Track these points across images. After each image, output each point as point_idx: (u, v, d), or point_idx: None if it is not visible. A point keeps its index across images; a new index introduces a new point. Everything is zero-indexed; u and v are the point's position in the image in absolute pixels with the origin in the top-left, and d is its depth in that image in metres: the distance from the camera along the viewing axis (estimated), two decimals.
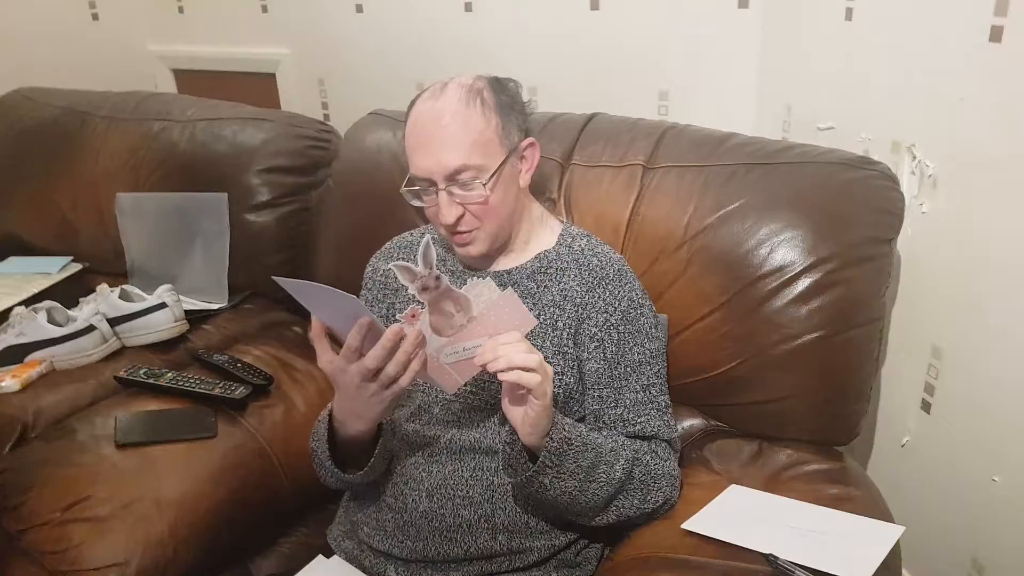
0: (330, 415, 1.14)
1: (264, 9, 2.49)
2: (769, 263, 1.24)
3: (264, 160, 1.76)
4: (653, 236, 1.33)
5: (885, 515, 1.11)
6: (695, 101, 1.97)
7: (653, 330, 1.22)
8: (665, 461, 1.16)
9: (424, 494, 1.15)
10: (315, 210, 1.74)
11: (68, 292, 1.82)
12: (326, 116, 2.50)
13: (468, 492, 1.14)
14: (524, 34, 2.09)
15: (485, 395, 1.17)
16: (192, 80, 2.71)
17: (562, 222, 1.29)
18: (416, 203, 1.16)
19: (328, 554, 1.23)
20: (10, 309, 1.64)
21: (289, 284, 0.97)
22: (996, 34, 1.15)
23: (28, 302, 1.72)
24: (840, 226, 1.23)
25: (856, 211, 1.24)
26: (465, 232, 1.15)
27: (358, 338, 0.98)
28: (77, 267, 1.98)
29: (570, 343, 1.17)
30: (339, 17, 2.36)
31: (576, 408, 1.19)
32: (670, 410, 1.22)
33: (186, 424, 1.34)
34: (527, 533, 1.15)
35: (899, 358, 1.49)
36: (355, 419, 1.09)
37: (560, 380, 1.15)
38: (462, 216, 1.13)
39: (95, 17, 2.59)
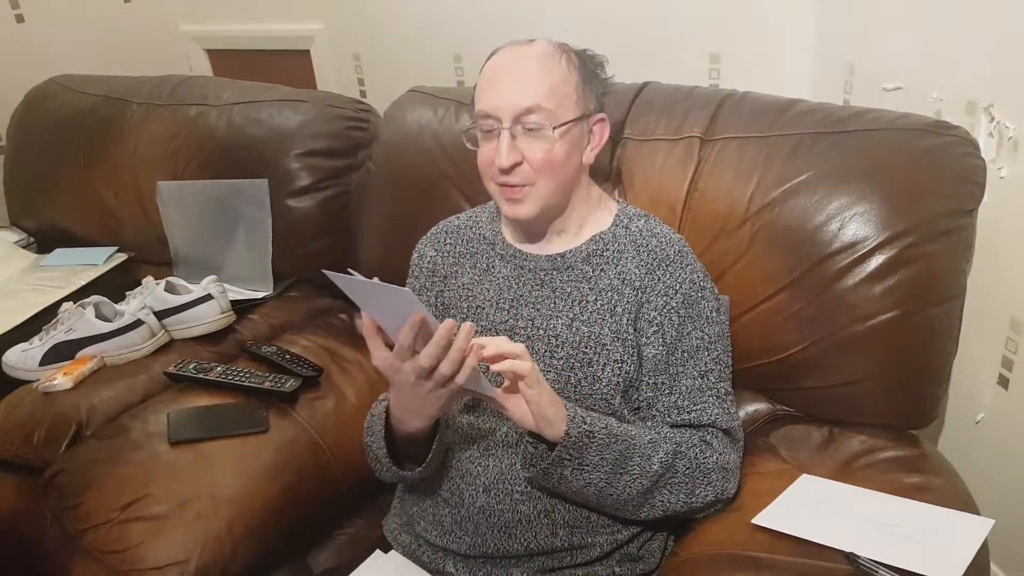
0: (387, 411, 1.11)
1: None
2: (840, 239, 1.16)
3: (303, 143, 1.72)
4: (713, 213, 1.26)
5: (970, 506, 1.05)
6: (748, 64, 1.87)
7: (715, 313, 1.16)
8: (720, 453, 1.11)
9: (481, 489, 1.12)
10: (356, 193, 1.70)
11: (115, 282, 1.81)
12: (362, 93, 2.44)
13: (526, 486, 1.11)
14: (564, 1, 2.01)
15: None
16: (226, 59, 2.68)
17: (618, 202, 1.24)
18: (471, 146, 1.12)
19: (385, 548, 1.21)
20: (59, 303, 1.64)
21: (338, 279, 0.93)
22: None
23: (76, 295, 1.72)
24: (916, 197, 1.15)
25: (934, 181, 1.16)
26: (517, 186, 1.10)
27: (410, 336, 0.94)
28: (122, 257, 1.96)
29: (630, 329, 1.12)
30: None
31: (636, 396, 1.14)
32: (731, 397, 1.17)
33: (238, 419, 1.33)
34: (588, 528, 1.11)
35: (975, 332, 1.40)
36: (413, 416, 1.05)
37: (619, 368, 1.11)
38: (519, 164, 1.08)
39: (126, 0, 2.56)
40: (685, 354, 1.13)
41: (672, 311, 1.12)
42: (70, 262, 1.96)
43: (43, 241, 2.09)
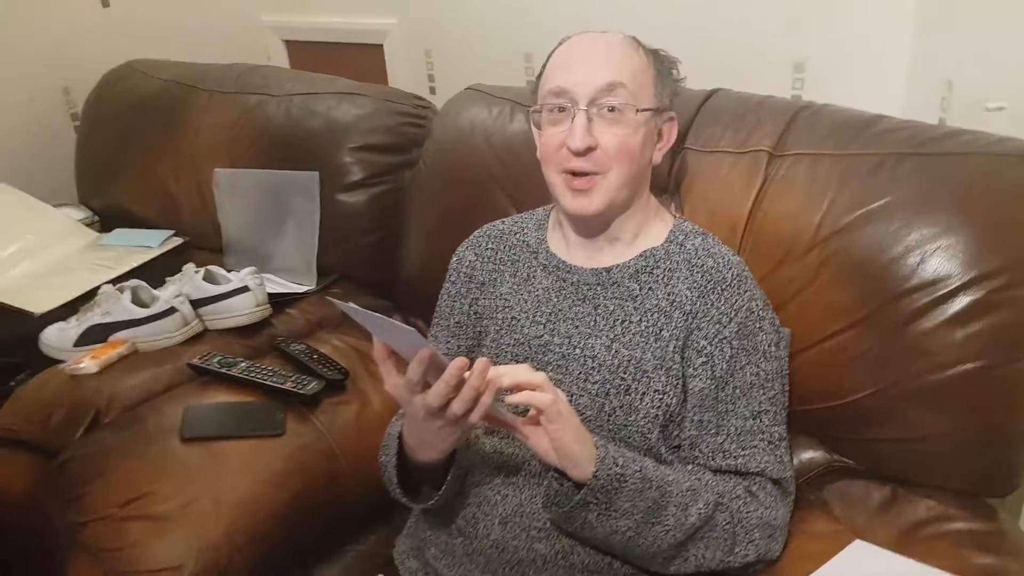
0: (400, 435, 1.03)
1: None
2: (919, 275, 1.02)
3: (358, 138, 1.67)
4: (777, 236, 1.13)
5: None
6: (835, 75, 1.72)
7: (773, 348, 1.04)
8: (766, 507, 0.99)
9: (497, 520, 1.02)
10: (407, 191, 1.63)
11: (170, 266, 1.79)
12: (432, 89, 2.39)
13: (545, 523, 1.00)
14: (637, 1, 1.90)
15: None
16: (303, 51, 2.68)
17: (675, 216, 1.13)
18: (545, 130, 1.04)
19: (391, 573, 1.13)
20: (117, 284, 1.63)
21: (348, 309, 0.88)
22: None
23: (126, 277, 1.71)
24: (1011, 233, 1.01)
25: None
26: (588, 175, 1.01)
27: (419, 371, 0.87)
28: (178, 241, 1.96)
29: (676, 357, 1.01)
30: None
31: (677, 433, 1.03)
32: (785, 444, 1.04)
33: (254, 420, 1.28)
34: (609, 573, 1.00)
35: None
36: (425, 448, 0.98)
37: (660, 399, 1.00)
38: (593, 149, 0.99)
39: None
40: (737, 391, 1.01)
41: (725, 341, 1.01)
42: (127, 243, 1.97)
43: (106, 220, 2.11)
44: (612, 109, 0.99)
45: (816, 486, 1.11)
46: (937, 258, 1.02)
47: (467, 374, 0.86)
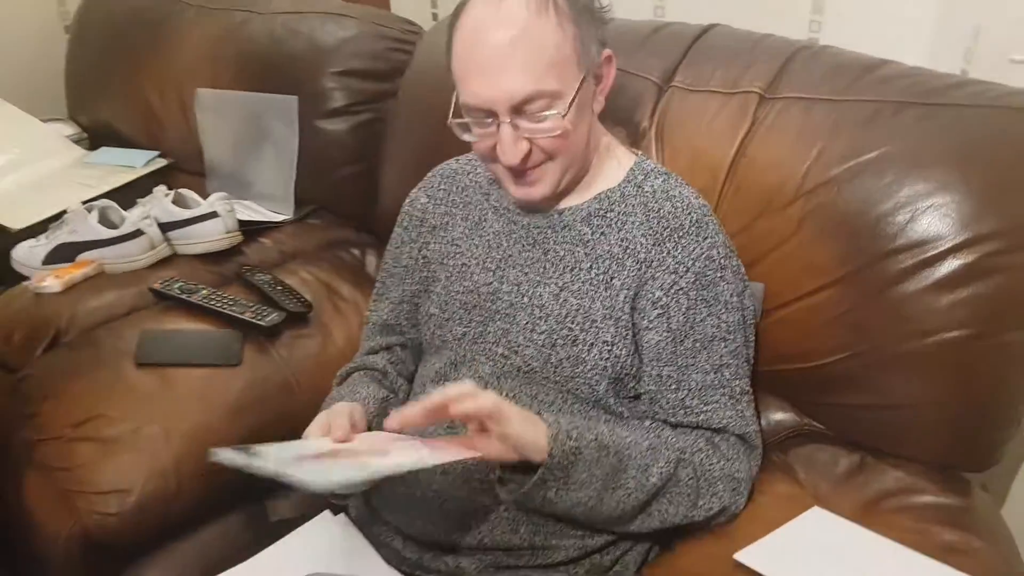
0: None
1: None
2: (907, 234, 0.96)
3: (341, 62, 1.60)
4: (760, 185, 1.07)
5: None
6: (856, 19, 1.61)
7: (735, 298, 0.98)
8: (728, 460, 0.95)
9: (438, 471, 0.98)
10: (387, 121, 1.57)
11: (152, 187, 1.76)
12: (435, 15, 2.29)
13: (486, 476, 0.96)
14: None
15: (517, 360, 0.99)
16: None
17: (636, 155, 1.06)
18: (467, 137, 0.97)
19: (336, 510, 1.11)
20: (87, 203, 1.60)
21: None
22: None
23: (107, 196, 1.67)
24: (1012, 194, 0.94)
25: None
26: (531, 169, 0.96)
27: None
28: (162, 163, 1.91)
29: (627, 307, 0.96)
30: None
31: (633, 386, 0.99)
32: (747, 397, 1.00)
33: (210, 349, 1.25)
34: (554, 530, 0.97)
35: None
36: None
37: (608, 351, 0.96)
38: (528, 153, 0.93)
39: None
40: (697, 344, 0.96)
41: (681, 292, 0.95)
42: (111, 162, 1.93)
43: (95, 138, 2.06)
44: (539, 116, 0.91)
45: (782, 449, 1.07)
46: (929, 217, 0.95)
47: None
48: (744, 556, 0.86)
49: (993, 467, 1.02)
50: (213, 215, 1.47)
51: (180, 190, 1.53)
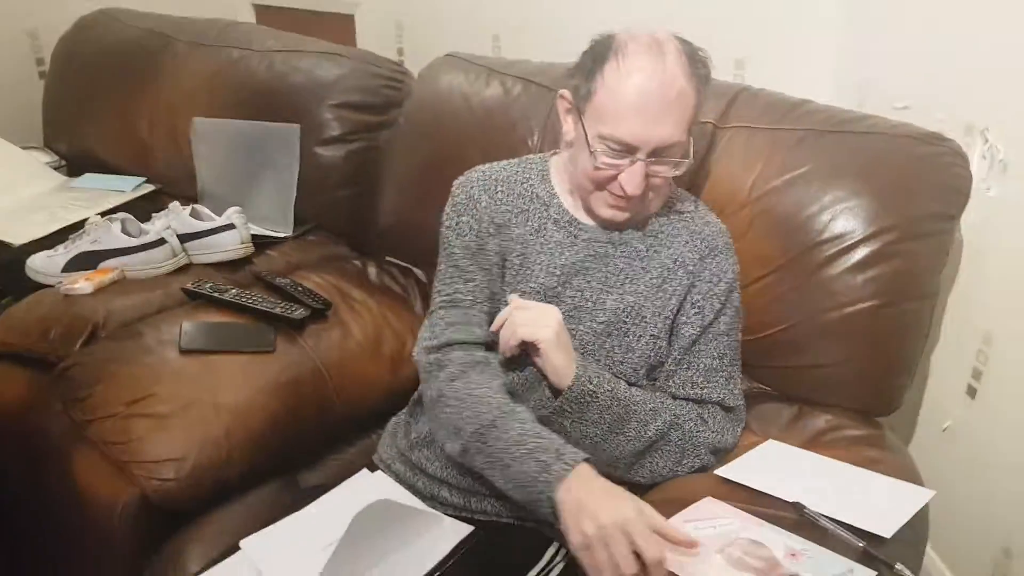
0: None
1: None
2: (830, 230, 1.24)
3: (338, 95, 1.79)
4: (717, 194, 1.34)
5: (916, 480, 1.12)
6: (772, 71, 1.94)
7: (740, 304, 1.23)
8: (713, 432, 1.17)
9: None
10: (383, 149, 1.77)
11: (139, 211, 1.86)
12: (401, 62, 2.51)
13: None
14: None
15: (575, 342, 1.15)
16: (271, 17, 2.75)
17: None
18: (593, 162, 1.09)
19: (372, 470, 1.28)
20: (84, 220, 1.71)
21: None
22: None
23: (103, 215, 1.79)
24: (904, 198, 1.23)
25: (922, 185, 1.24)
26: (634, 199, 1.11)
27: None
28: (150, 188, 2.03)
29: (674, 308, 1.18)
30: None
31: (660, 370, 1.21)
32: (737, 380, 1.23)
33: (247, 337, 1.39)
34: None
35: (948, 341, 1.49)
36: None
37: (655, 343, 1.18)
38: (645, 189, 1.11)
39: None
40: (711, 336, 1.19)
41: (715, 297, 1.18)
42: (98, 186, 2.03)
43: (73, 165, 2.15)
44: (667, 161, 1.09)
45: None
46: (844, 216, 1.24)
47: None
48: (724, 471, 1.10)
49: (894, 412, 1.30)
50: (230, 227, 1.62)
51: (195, 205, 1.67)
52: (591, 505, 0.93)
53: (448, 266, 1.20)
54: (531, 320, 1.10)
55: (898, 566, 0.92)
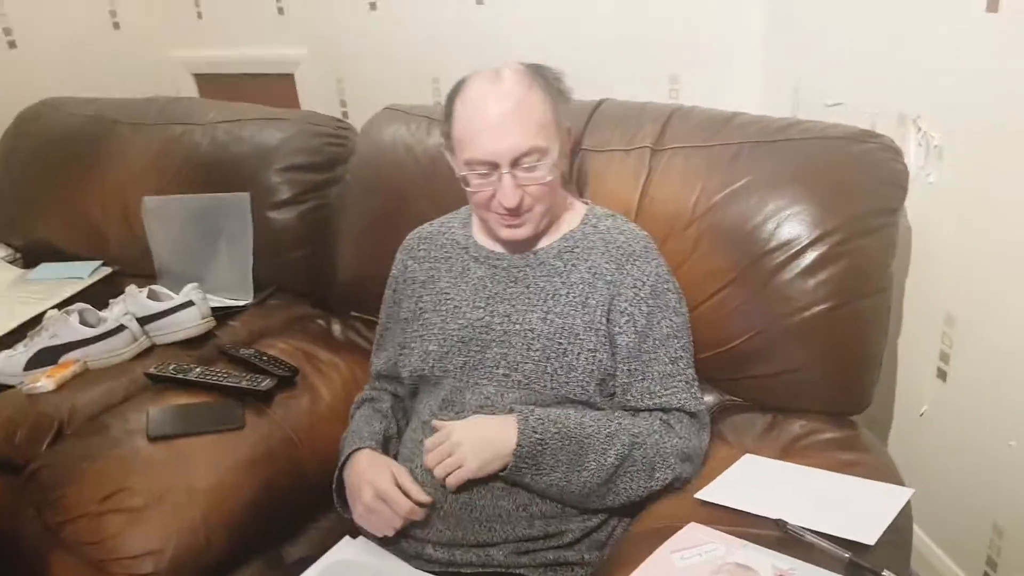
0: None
1: (280, 11, 2.54)
2: (776, 238, 1.25)
3: (283, 159, 1.80)
4: (662, 216, 1.35)
5: (895, 478, 1.13)
6: (705, 84, 1.98)
7: (679, 305, 1.25)
8: (680, 437, 1.18)
9: (463, 485, 1.15)
10: (335, 206, 1.77)
11: (99, 295, 1.85)
12: (344, 114, 2.54)
13: (504, 483, 1.15)
14: (535, 25, 2.12)
15: (517, 375, 1.19)
16: (213, 83, 2.77)
17: (586, 203, 1.32)
18: (469, 189, 1.19)
19: (354, 535, 1.26)
20: (43, 313, 1.70)
21: None
22: (993, 4, 1.16)
23: (60, 306, 1.77)
24: (844, 199, 1.25)
25: (860, 183, 1.26)
26: (522, 213, 1.19)
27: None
28: (107, 270, 2.02)
29: (603, 320, 1.20)
30: (353, 16, 2.40)
31: (612, 384, 1.21)
32: (696, 383, 1.24)
33: (215, 417, 1.38)
34: (562, 517, 1.17)
35: (913, 328, 1.50)
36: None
37: (593, 357, 1.18)
38: (522, 199, 1.17)
39: (116, 26, 2.65)
40: (656, 342, 1.20)
41: (641, 301, 1.20)
42: (56, 276, 2.02)
43: (29, 256, 2.14)
44: (532, 167, 1.16)
45: (713, 422, 1.31)
46: (789, 223, 1.25)
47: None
48: (703, 494, 1.10)
49: (868, 408, 1.31)
50: (189, 304, 1.61)
51: (152, 286, 1.67)
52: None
53: (376, 335, 1.40)
54: (450, 465, 1.13)
55: (885, 573, 0.92)
